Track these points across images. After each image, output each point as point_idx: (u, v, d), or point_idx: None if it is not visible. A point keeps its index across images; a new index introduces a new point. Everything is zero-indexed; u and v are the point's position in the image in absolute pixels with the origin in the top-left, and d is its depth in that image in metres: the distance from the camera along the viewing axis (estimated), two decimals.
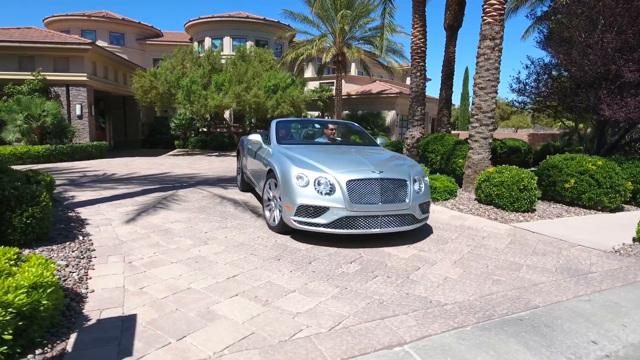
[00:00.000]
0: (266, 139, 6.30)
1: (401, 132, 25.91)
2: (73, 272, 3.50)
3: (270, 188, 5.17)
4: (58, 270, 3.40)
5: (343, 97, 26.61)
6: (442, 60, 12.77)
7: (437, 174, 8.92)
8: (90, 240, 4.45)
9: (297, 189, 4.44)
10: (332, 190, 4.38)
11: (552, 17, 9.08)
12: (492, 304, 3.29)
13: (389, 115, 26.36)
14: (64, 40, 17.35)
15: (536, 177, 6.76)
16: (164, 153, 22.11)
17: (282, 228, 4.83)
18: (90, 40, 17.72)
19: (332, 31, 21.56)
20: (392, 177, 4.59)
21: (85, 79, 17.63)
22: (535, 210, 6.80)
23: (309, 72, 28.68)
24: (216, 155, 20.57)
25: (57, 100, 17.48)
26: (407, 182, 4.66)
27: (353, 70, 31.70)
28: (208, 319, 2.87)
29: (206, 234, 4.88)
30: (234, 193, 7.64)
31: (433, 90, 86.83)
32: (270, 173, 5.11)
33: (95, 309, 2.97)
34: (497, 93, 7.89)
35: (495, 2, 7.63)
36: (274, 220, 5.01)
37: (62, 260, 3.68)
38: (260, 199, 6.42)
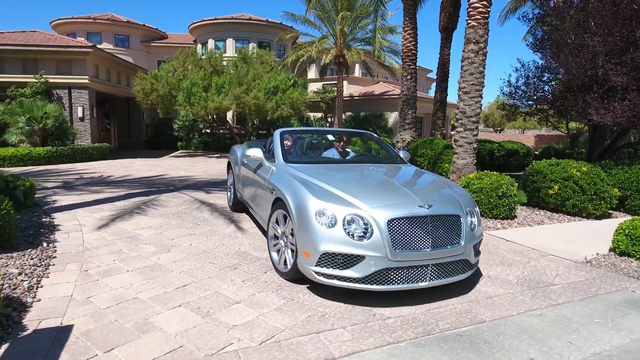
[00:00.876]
0: (268, 154, 5.19)
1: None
2: (24, 281, 3.54)
3: (277, 222, 4.05)
4: (3, 279, 3.44)
5: (346, 98, 26.58)
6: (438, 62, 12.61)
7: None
8: (55, 247, 4.51)
9: (320, 230, 3.33)
10: (367, 233, 3.30)
11: (545, 20, 8.94)
12: (437, 318, 3.25)
13: (392, 117, 26.23)
14: (66, 44, 17.61)
15: (516, 184, 6.66)
16: (167, 154, 22.32)
17: (297, 275, 3.68)
18: (91, 44, 17.96)
19: (333, 33, 21.53)
20: (444, 213, 3.54)
21: (87, 81, 17.88)
22: (515, 217, 6.71)
23: (311, 73, 28.70)
24: (216, 157, 20.69)
25: (60, 102, 17.77)
26: (461, 218, 3.64)
27: (357, 71, 31.62)
28: (143, 331, 2.88)
29: (172, 241, 4.91)
30: (215, 197, 7.67)
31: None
32: (279, 203, 3.97)
33: (35, 319, 3.01)
34: (481, 97, 7.80)
35: (479, 5, 7.54)
36: (285, 265, 3.84)
37: (15, 268, 3.74)
38: (256, 220, 5.70)
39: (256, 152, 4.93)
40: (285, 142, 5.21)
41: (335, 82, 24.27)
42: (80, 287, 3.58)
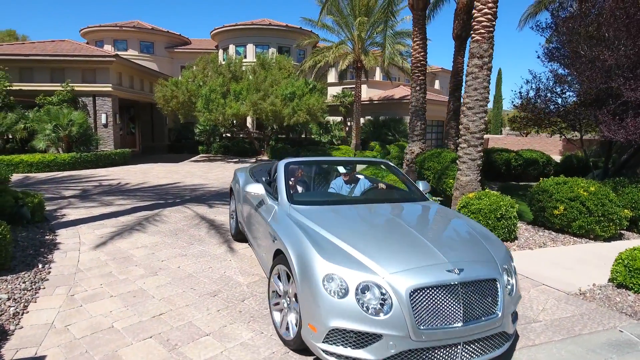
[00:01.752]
0: (270, 188, 4.63)
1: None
2: (12, 307, 3.74)
3: (279, 278, 3.46)
4: None
5: (365, 102, 26.46)
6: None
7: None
8: (50, 268, 4.72)
9: (328, 300, 2.78)
10: (385, 306, 2.74)
11: (559, 29, 8.64)
12: None
13: None
14: (91, 53, 18.30)
15: (516, 205, 6.48)
16: (188, 158, 22.86)
17: (301, 346, 3.11)
18: (114, 53, 18.58)
19: (351, 38, 21.48)
20: (478, 278, 2.93)
21: (110, 89, 18.53)
22: (516, 238, 6.53)
23: (331, 77, 28.72)
24: (234, 162, 21.02)
25: (85, 109, 18.49)
26: (498, 282, 3.02)
27: (377, 74, 31.40)
28: None
29: (162, 263, 5.05)
30: (216, 212, 7.81)
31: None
32: (281, 256, 3.41)
33: (13, 348, 3.17)
34: (485, 113, 7.62)
35: (483, 19, 7.37)
36: (288, 330, 3.27)
37: (5, 293, 3.94)
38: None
39: (257, 189, 4.26)
40: (289, 177, 4.56)
41: (354, 85, 24.20)
42: (63, 313, 3.74)
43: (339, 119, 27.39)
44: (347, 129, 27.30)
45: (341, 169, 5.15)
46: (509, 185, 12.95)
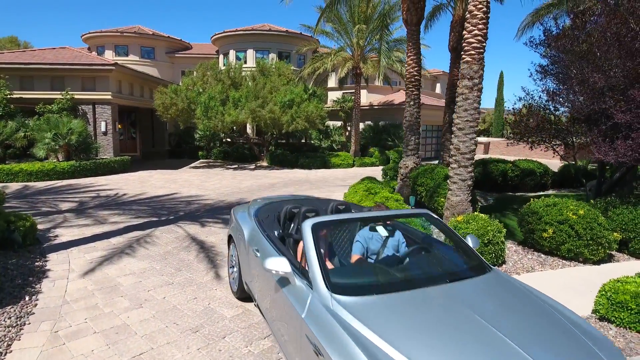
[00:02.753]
0: (291, 255, 3.82)
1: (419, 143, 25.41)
2: None
3: None
4: None
5: (365, 107, 26.47)
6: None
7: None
8: (37, 300, 4.79)
9: None
10: None
11: (548, 47, 8.63)
12: None
13: None
14: (91, 62, 18.41)
15: (504, 230, 6.49)
16: (187, 164, 22.97)
17: None
18: (113, 61, 18.68)
19: (350, 44, 21.50)
20: None
21: (109, 97, 18.64)
22: (504, 262, 6.54)
23: (331, 82, 28.73)
24: (234, 169, 21.10)
25: (84, 117, 18.62)
26: None
27: (378, 79, 31.35)
28: None
29: (148, 293, 5.11)
30: (208, 232, 7.85)
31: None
32: None
33: None
34: (476, 134, 7.63)
35: (473, 40, 7.38)
36: None
37: None
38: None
39: (282, 266, 3.19)
40: (322, 246, 3.53)
41: (354, 90, 24.21)
42: (45, 353, 3.80)
43: (339, 123, 27.41)
44: (347, 133, 27.31)
45: (384, 233, 4.03)
46: (505, 197, 12.95)
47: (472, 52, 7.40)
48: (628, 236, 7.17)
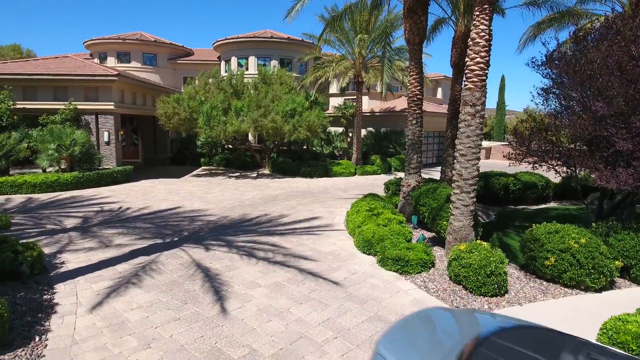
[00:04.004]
0: None
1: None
2: None
3: None
4: None
5: (367, 113, 26.51)
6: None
7: (421, 236, 8.81)
8: (47, 340, 4.85)
9: None
10: None
11: (550, 67, 8.68)
12: None
13: None
14: (93, 72, 18.47)
15: (506, 261, 6.55)
16: (189, 172, 23.05)
17: None
18: (116, 72, 18.74)
19: (352, 52, 21.55)
20: None
21: (112, 107, 18.71)
22: (507, 292, 6.59)
23: (333, 88, 28.77)
24: (236, 177, 21.16)
25: (87, 128, 18.70)
26: None
27: (379, 86, 31.39)
28: None
29: (155, 330, 5.17)
30: (212, 258, 7.90)
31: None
32: None
33: None
34: (478, 160, 7.68)
35: (475, 68, 7.43)
36: None
37: None
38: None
39: None
40: None
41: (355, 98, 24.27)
42: None
43: (340, 129, 27.46)
44: (348, 139, 27.36)
45: None
46: (506, 212, 13.00)
47: (475, 79, 7.45)
48: (629, 263, 7.23)
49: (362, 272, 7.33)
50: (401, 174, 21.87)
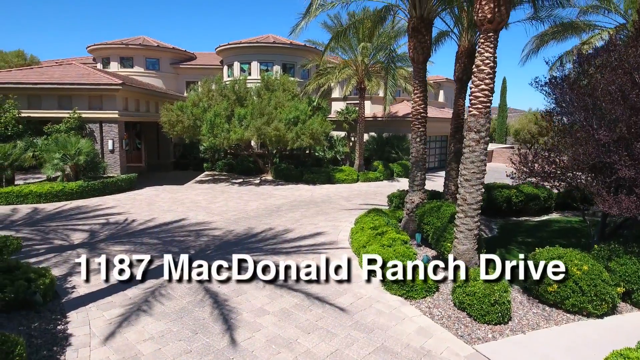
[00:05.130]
0: None
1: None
2: None
3: None
4: None
5: (369, 118, 26.58)
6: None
7: (425, 257, 8.91)
8: None
9: None
10: None
11: (553, 92, 8.77)
12: None
13: None
14: (98, 81, 18.56)
15: (510, 290, 6.66)
16: (193, 177, 23.20)
17: None
18: (120, 81, 18.82)
19: (354, 59, 21.59)
20: None
21: (116, 115, 18.81)
22: (510, 319, 6.69)
23: (336, 93, 28.84)
24: (239, 184, 21.29)
25: (92, 136, 18.81)
26: None
27: (382, 90, 31.44)
28: None
29: None
30: (219, 282, 8.02)
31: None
32: None
33: None
34: (482, 185, 7.79)
35: (480, 94, 7.52)
36: None
37: None
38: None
39: None
40: None
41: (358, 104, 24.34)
42: None
43: (342, 134, 27.52)
44: (350, 144, 27.44)
45: None
46: (509, 226, 13.11)
47: (479, 105, 7.55)
48: (631, 287, 7.34)
49: (368, 297, 7.45)
50: (403, 180, 21.98)
